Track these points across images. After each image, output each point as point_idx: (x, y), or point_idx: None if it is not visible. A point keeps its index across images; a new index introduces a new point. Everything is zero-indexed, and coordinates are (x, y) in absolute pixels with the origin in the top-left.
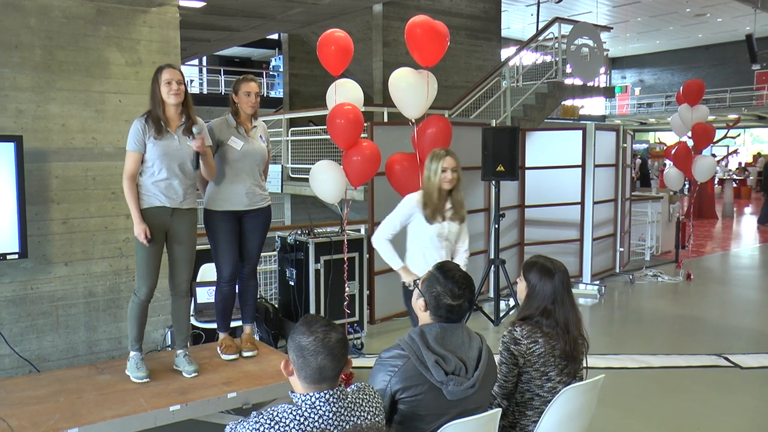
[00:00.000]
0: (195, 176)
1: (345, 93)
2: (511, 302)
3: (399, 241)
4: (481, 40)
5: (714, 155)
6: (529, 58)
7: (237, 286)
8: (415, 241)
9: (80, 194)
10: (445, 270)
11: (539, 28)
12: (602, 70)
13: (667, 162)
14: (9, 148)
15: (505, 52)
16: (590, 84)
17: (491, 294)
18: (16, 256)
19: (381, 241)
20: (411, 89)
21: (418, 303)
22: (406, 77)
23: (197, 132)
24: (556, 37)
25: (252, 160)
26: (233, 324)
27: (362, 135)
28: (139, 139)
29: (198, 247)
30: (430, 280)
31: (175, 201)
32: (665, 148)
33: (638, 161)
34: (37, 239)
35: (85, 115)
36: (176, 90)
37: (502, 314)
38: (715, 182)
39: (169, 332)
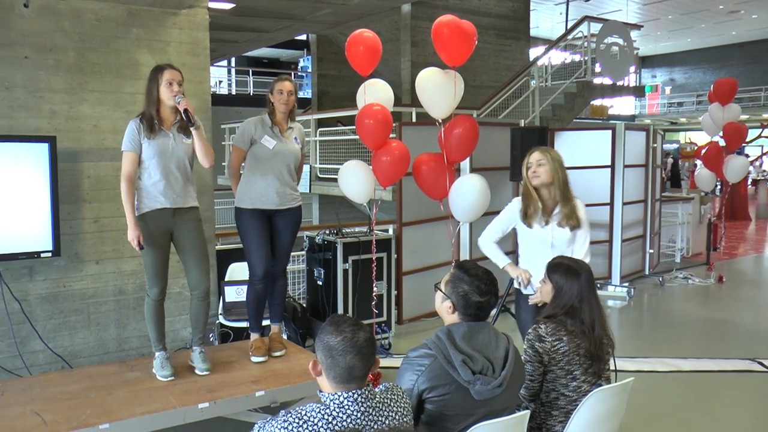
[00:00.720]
0: (191, 174)
1: (375, 93)
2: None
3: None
4: (509, 39)
5: (747, 155)
6: (557, 57)
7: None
8: (522, 247)
9: (111, 194)
10: (467, 268)
11: (568, 27)
12: (632, 69)
13: (698, 162)
14: (43, 148)
15: (534, 52)
16: (620, 83)
17: None
18: (50, 255)
19: (485, 243)
20: (437, 89)
21: (443, 306)
22: (433, 77)
23: (178, 99)
24: (585, 36)
25: (283, 160)
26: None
27: (391, 135)
28: (134, 138)
29: (226, 246)
30: (453, 282)
31: (175, 201)
32: (696, 148)
33: (670, 161)
34: (70, 238)
35: (116, 115)
36: (177, 91)
37: None
38: (749, 183)
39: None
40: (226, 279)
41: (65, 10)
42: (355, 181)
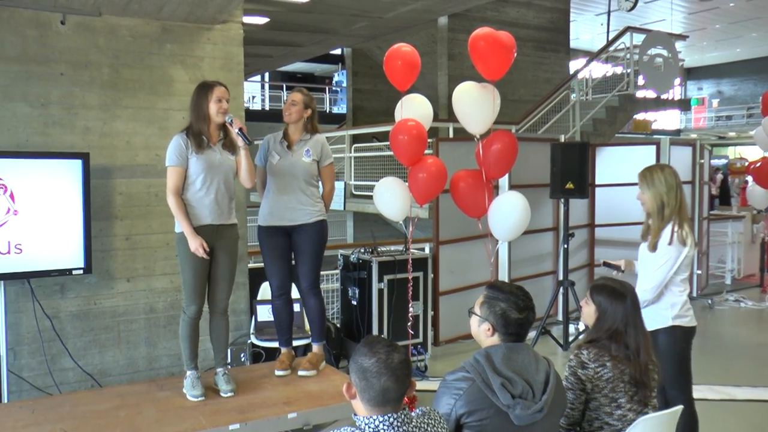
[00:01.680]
0: (234, 191)
1: (413, 109)
2: (581, 326)
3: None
4: (548, 51)
5: None
6: (599, 69)
7: (297, 304)
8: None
9: (143, 210)
10: (500, 287)
11: (610, 38)
12: (677, 81)
13: (749, 178)
14: (77, 165)
15: (574, 64)
16: (664, 96)
17: (560, 317)
18: (81, 272)
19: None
20: (475, 104)
21: (481, 329)
22: (470, 91)
23: (229, 118)
24: (628, 48)
25: (291, 175)
26: (297, 342)
27: (427, 151)
28: (181, 153)
29: (258, 265)
30: (489, 302)
31: (219, 217)
32: (746, 163)
33: (720, 176)
34: (101, 255)
35: (149, 132)
36: (225, 109)
37: (571, 338)
38: None
39: (229, 351)
40: (258, 298)
41: (101, 26)
42: (391, 198)
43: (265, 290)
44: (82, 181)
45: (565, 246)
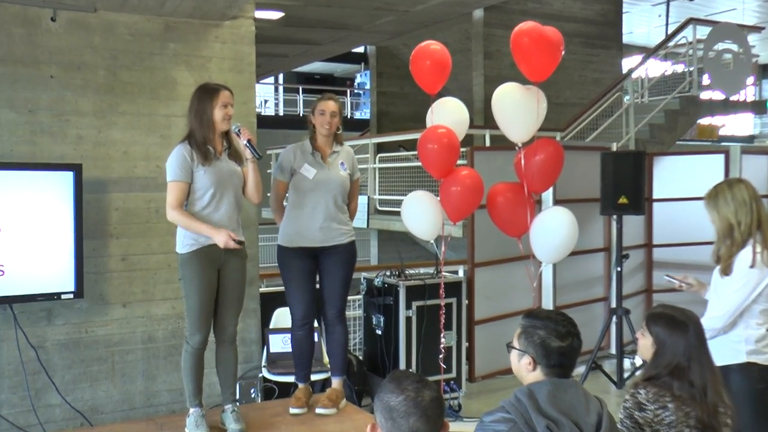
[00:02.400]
0: (241, 205)
1: (446, 114)
2: (638, 360)
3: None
4: (598, 48)
5: None
6: (656, 68)
7: (317, 333)
8: None
9: (141, 228)
10: (536, 314)
11: (669, 32)
12: (749, 80)
13: None
14: (68, 177)
15: (628, 62)
16: (734, 98)
17: (613, 350)
18: (71, 296)
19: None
20: (518, 108)
21: (522, 364)
22: (512, 94)
23: (236, 128)
24: (690, 42)
25: (327, 190)
26: (315, 377)
27: (460, 161)
28: (185, 166)
29: (271, 289)
30: (526, 332)
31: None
32: None
33: None
34: (94, 277)
35: (149, 141)
36: (230, 115)
37: (626, 374)
38: None
39: (238, 385)
40: (271, 326)
41: (96, 24)
42: (421, 214)
43: (278, 318)
44: (74, 195)
45: (619, 269)
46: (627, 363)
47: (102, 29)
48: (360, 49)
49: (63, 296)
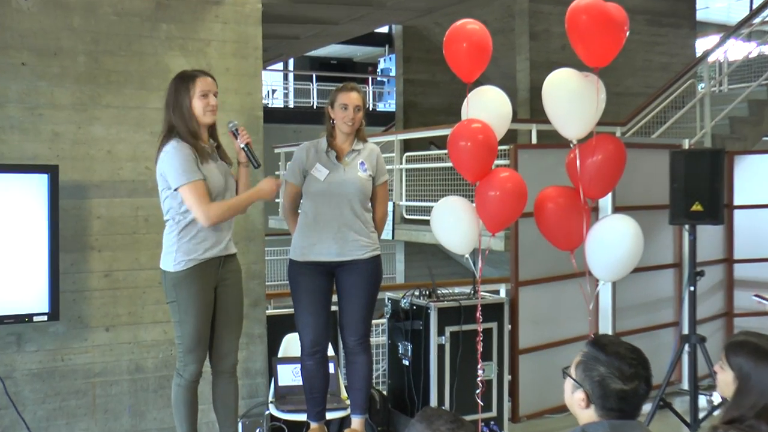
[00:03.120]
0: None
1: (485, 106)
2: (716, 398)
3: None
4: (666, 27)
5: None
6: (738, 50)
7: (332, 363)
8: None
9: (128, 240)
10: (604, 344)
11: (754, 7)
12: None
13: None
14: (41, 180)
15: (703, 43)
16: None
17: (685, 385)
18: (45, 318)
19: None
20: (575, 99)
21: (575, 398)
22: (568, 82)
23: (233, 126)
24: None
25: (342, 194)
26: (332, 415)
27: (501, 162)
28: (196, 163)
29: (280, 311)
30: (586, 363)
31: (224, 247)
32: None
33: None
34: (72, 296)
35: (138, 138)
36: (213, 106)
37: (701, 415)
38: None
39: (240, 424)
40: (280, 354)
41: (75, 2)
42: (455, 224)
43: (288, 345)
44: (49, 201)
45: (692, 288)
46: (703, 401)
47: (82, 8)
48: (384, 30)
49: (35, 318)
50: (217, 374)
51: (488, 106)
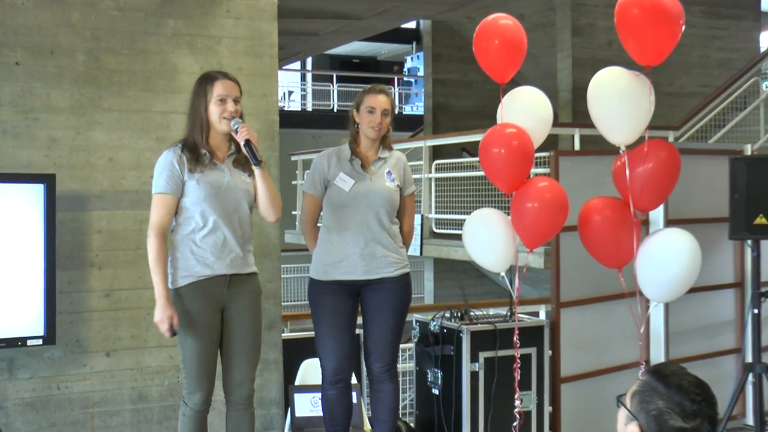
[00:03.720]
0: (251, 227)
1: (522, 109)
2: None
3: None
4: (726, 19)
5: None
6: None
7: (355, 392)
8: None
9: (131, 256)
10: (666, 375)
11: None
12: None
13: None
14: (37, 190)
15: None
16: None
17: (749, 420)
18: (39, 342)
19: None
20: (625, 100)
21: (627, 431)
22: (617, 82)
23: (235, 124)
24: None
25: (368, 206)
26: None
27: (539, 171)
28: (172, 175)
29: (297, 334)
30: (643, 393)
31: (232, 265)
32: None
33: None
34: (69, 318)
35: (142, 144)
36: (232, 112)
37: None
38: None
39: None
40: (297, 382)
41: None
42: (489, 239)
43: (306, 372)
44: (44, 213)
45: (756, 311)
46: None
47: (81, 3)
48: (411, 25)
49: (29, 342)
50: (230, 405)
51: (526, 109)
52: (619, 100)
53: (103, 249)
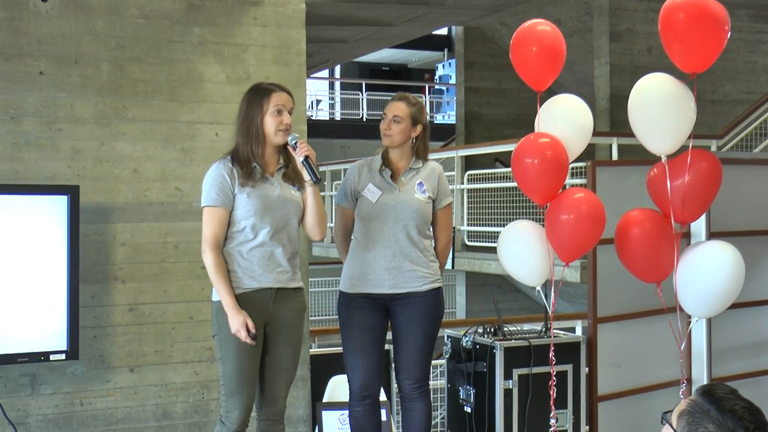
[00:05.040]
0: (299, 241)
1: (561, 118)
2: None
3: None
4: None
5: None
6: None
7: (384, 410)
8: None
9: (155, 269)
10: (718, 397)
11: None
12: None
13: None
14: (60, 202)
15: None
16: None
17: None
18: (62, 357)
19: None
20: (668, 108)
21: None
22: (660, 89)
23: (293, 139)
24: None
25: (396, 219)
26: None
27: (574, 181)
28: (224, 188)
29: (325, 350)
30: (692, 414)
31: (279, 278)
32: None
33: None
34: (92, 333)
35: (167, 155)
36: (287, 124)
37: None
38: None
39: None
40: (325, 399)
41: (98, 4)
42: (524, 252)
43: (334, 389)
44: (68, 226)
45: None
46: None
47: (106, 11)
48: (443, 31)
49: (52, 357)
50: (260, 419)
51: (565, 117)
52: (661, 108)
53: (127, 262)
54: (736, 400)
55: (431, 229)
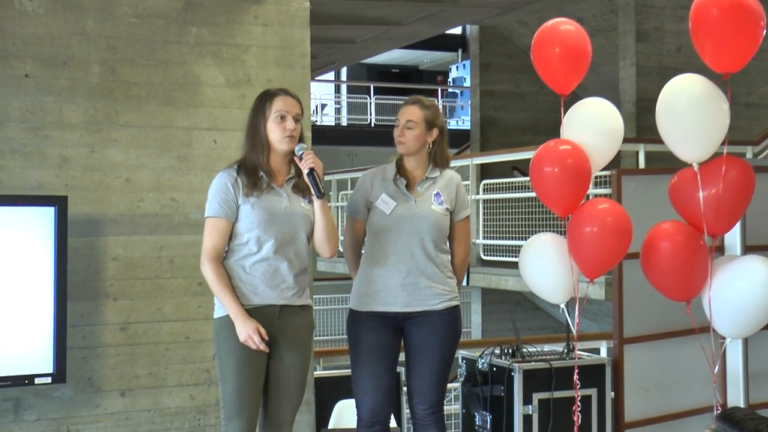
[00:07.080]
0: (308, 256)
1: (589, 123)
2: None
3: None
4: None
5: None
6: None
7: None
8: None
9: (149, 285)
10: (738, 420)
11: None
12: None
13: None
14: (47, 214)
15: None
16: None
17: None
18: (48, 380)
19: None
20: (696, 111)
21: None
22: (689, 90)
23: (300, 149)
24: None
25: (412, 232)
26: None
27: (598, 191)
28: (227, 198)
29: (331, 372)
30: None
31: (284, 294)
32: None
33: None
34: (81, 354)
35: (162, 163)
36: (292, 131)
37: None
38: None
39: None
40: (331, 425)
41: (88, 3)
42: (546, 267)
43: (341, 413)
44: (55, 239)
45: None
46: None
47: (97, 10)
48: (456, 31)
49: (37, 380)
50: None
51: (594, 121)
52: (692, 112)
53: (119, 278)
54: (758, 420)
55: (448, 243)
